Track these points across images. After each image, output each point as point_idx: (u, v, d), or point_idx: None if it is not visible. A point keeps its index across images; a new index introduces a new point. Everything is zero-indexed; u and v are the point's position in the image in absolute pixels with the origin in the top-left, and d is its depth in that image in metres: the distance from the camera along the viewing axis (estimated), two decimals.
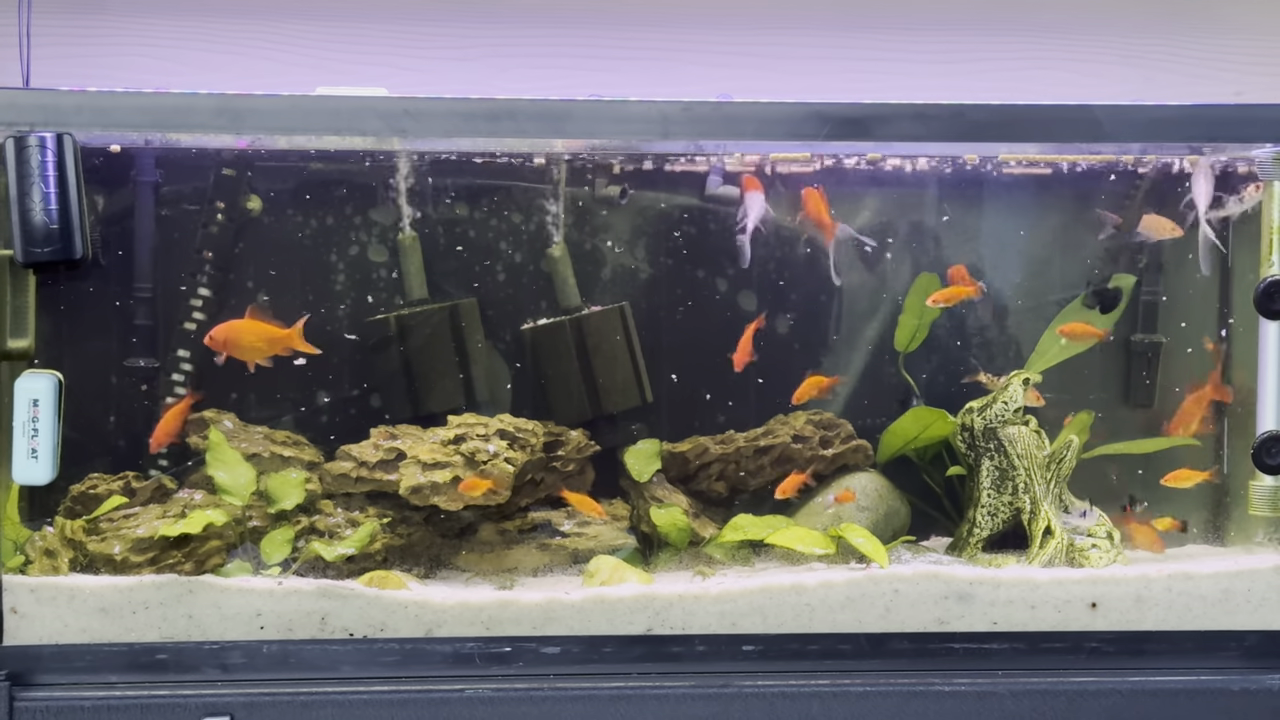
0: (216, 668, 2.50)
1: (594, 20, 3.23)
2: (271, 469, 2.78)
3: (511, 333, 2.94)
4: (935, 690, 2.52)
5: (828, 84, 3.23)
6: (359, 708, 2.47)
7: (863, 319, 2.98)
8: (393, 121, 2.49)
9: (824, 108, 2.51)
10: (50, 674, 2.47)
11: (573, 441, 2.86)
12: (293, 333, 2.72)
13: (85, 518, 2.69)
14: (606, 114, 2.52)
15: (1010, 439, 2.84)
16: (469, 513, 2.80)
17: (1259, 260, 2.66)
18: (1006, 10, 3.28)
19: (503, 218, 2.94)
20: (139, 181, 2.81)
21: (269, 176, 2.85)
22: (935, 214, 2.98)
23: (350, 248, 2.91)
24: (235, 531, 2.69)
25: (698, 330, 2.96)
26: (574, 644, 2.54)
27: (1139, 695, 2.54)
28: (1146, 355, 2.97)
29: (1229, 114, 2.62)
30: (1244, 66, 3.29)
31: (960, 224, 2.97)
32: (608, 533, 2.87)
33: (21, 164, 2.39)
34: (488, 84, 3.20)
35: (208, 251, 2.84)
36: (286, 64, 3.16)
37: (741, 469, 2.91)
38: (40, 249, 2.40)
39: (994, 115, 2.55)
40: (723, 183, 2.93)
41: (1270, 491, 2.65)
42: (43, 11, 3.05)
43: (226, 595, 2.53)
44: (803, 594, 2.58)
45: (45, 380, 2.49)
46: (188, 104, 2.47)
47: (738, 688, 2.51)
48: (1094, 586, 2.61)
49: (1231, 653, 2.59)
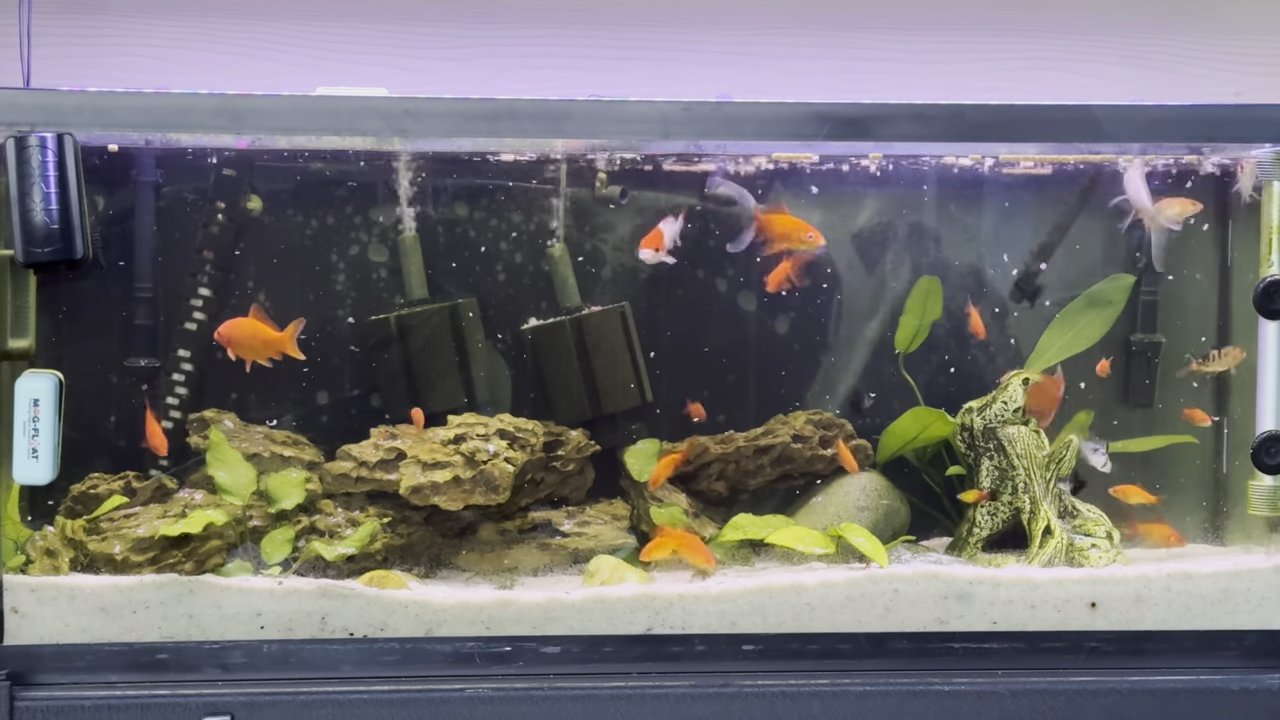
0: (217, 667, 2.50)
1: (592, 20, 3.24)
2: (272, 469, 2.79)
3: (512, 333, 2.95)
4: (935, 690, 2.53)
5: (827, 84, 3.24)
6: (359, 707, 2.47)
7: (862, 319, 2.99)
8: (393, 121, 2.49)
9: (824, 108, 2.51)
10: (51, 673, 2.47)
11: (573, 441, 2.87)
12: (284, 337, 2.73)
13: (86, 517, 2.69)
14: (606, 114, 2.52)
15: (1010, 439, 2.84)
16: (469, 512, 2.80)
17: (1258, 260, 2.67)
18: (1006, 11, 3.29)
19: (503, 217, 2.95)
20: (139, 181, 2.82)
21: (269, 176, 2.86)
22: (935, 214, 2.99)
23: (350, 248, 2.92)
24: (236, 531, 2.70)
25: (698, 330, 2.97)
26: (574, 643, 2.54)
27: (1138, 695, 2.54)
28: (1146, 355, 2.98)
29: (1229, 114, 2.62)
30: (1244, 67, 3.30)
31: (959, 225, 2.98)
32: (608, 532, 2.87)
33: (22, 164, 2.39)
34: (487, 84, 3.20)
35: (208, 251, 2.85)
36: (287, 64, 3.17)
37: (741, 469, 2.92)
38: (41, 249, 2.40)
39: (993, 115, 2.55)
40: (723, 182, 2.93)
41: (1270, 491, 2.67)
42: (43, 12, 3.05)
43: (227, 595, 2.53)
44: (802, 593, 2.59)
45: (46, 380, 2.49)
46: (188, 104, 2.48)
47: (738, 687, 2.51)
48: (1093, 586, 2.61)
49: (1231, 652, 2.60)
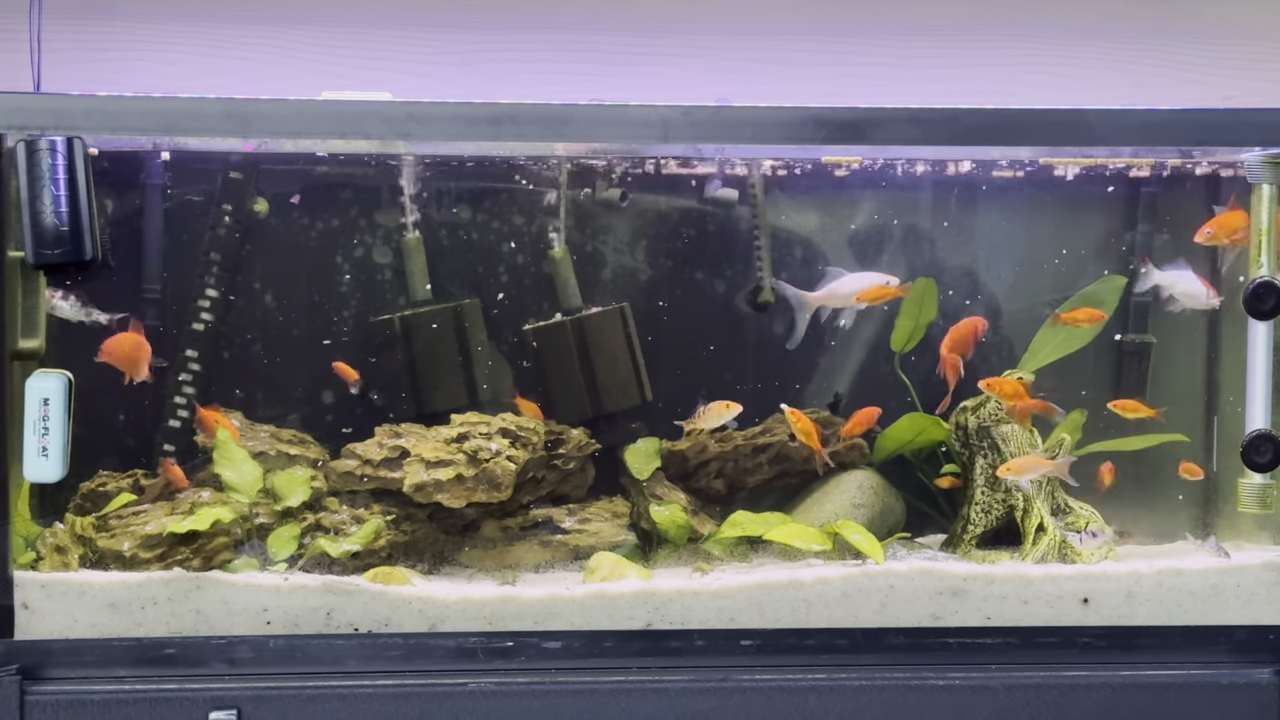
0: (224, 662, 2.51)
1: (594, 27, 3.25)
2: (278, 467, 2.80)
3: (514, 333, 2.98)
4: (930, 684, 2.54)
5: (825, 89, 3.25)
6: (364, 701, 2.48)
7: (861, 318, 3.00)
8: (397, 125, 2.49)
9: (821, 112, 2.51)
10: (60, 668, 2.48)
11: (574, 440, 2.89)
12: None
13: (95, 515, 2.71)
14: (607, 118, 2.52)
15: (1003, 437, 2.86)
16: (472, 510, 2.82)
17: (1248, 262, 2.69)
18: (1001, 17, 3.31)
19: (505, 219, 2.97)
20: (148, 184, 2.84)
21: (275, 179, 2.88)
22: (930, 217, 3.02)
23: (355, 249, 2.95)
24: (242, 528, 2.72)
25: (697, 330, 3.00)
26: (575, 639, 2.55)
27: (1130, 689, 2.55)
28: (1137, 355, 3.01)
29: (1218, 118, 2.62)
30: (1233, 71, 3.32)
31: (957, 224, 3.00)
32: (608, 530, 2.89)
33: (32, 167, 2.38)
34: (490, 88, 3.22)
35: (215, 253, 2.88)
36: (293, 69, 3.18)
37: (740, 467, 2.94)
38: (51, 251, 2.39)
39: (988, 119, 2.56)
40: (722, 185, 2.96)
41: (1259, 489, 2.65)
42: (53, 18, 3.06)
43: (234, 591, 2.54)
44: (800, 589, 2.60)
45: (56, 380, 2.49)
46: (196, 108, 2.47)
47: (736, 682, 2.52)
48: (1086, 582, 2.63)
49: (1221, 647, 2.61)
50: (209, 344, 2.88)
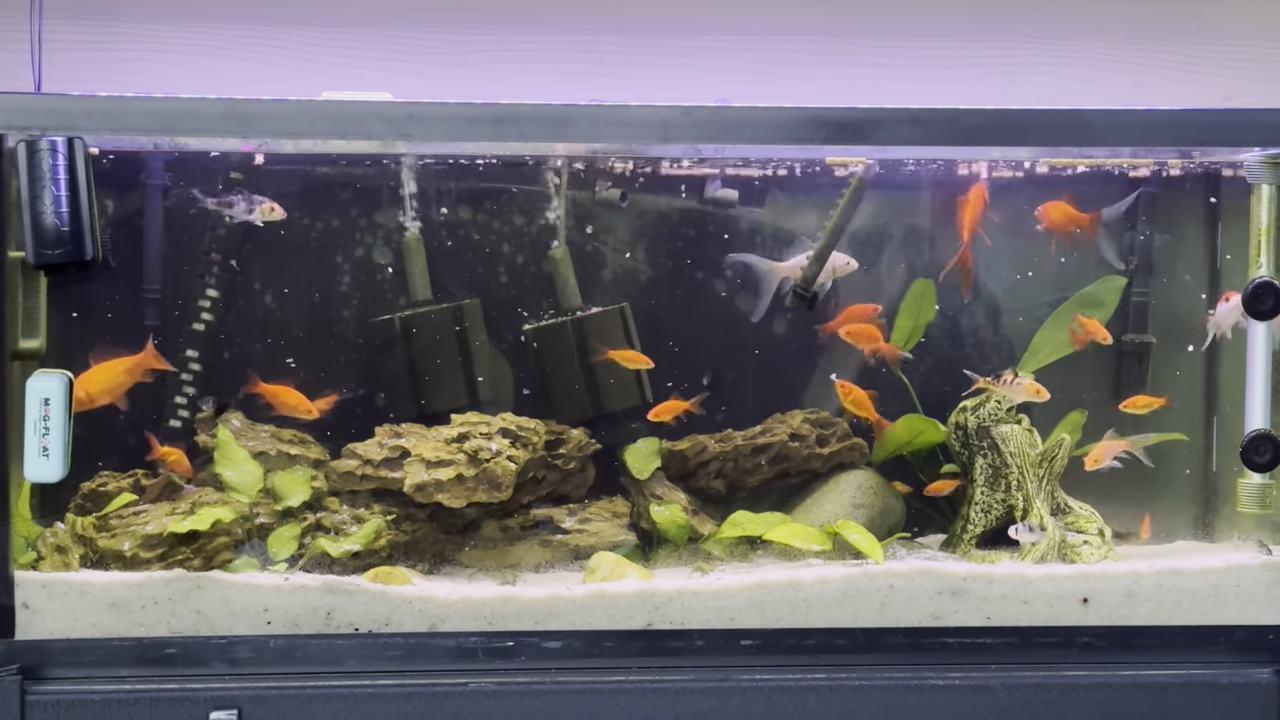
0: (224, 662, 2.51)
1: (594, 27, 3.25)
2: (278, 467, 2.81)
3: (514, 333, 2.98)
4: (930, 684, 2.54)
5: (824, 89, 3.26)
6: (364, 701, 2.48)
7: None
8: (397, 126, 2.49)
9: (820, 113, 2.51)
10: (61, 668, 2.48)
11: (574, 440, 2.89)
12: (146, 354, 2.73)
13: (95, 514, 2.72)
14: (607, 118, 2.52)
15: (1003, 437, 2.87)
16: (472, 510, 2.82)
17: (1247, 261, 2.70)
18: (1000, 17, 3.31)
19: (505, 220, 2.98)
20: (148, 185, 2.85)
21: (275, 179, 2.89)
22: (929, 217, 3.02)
23: (355, 250, 2.95)
24: (243, 528, 2.72)
25: (697, 330, 3.00)
26: (575, 638, 2.55)
27: (1129, 689, 2.55)
28: (1137, 355, 3.01)
29: (1218, 118, 2.62)
30: (1233, 71, 3.32)
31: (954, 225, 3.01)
32: (609, 529, 2.89)
33: (33, 167, 2.38)
34: (490, 89, 3.22)
35: (215, 254, 2.88)
36: (293, 69, 3.19)
37: (740, 467, 2.95)
38: (51, 251, 2.39)
39: (988, 120, 2.56)
40: (722, 186, 2.97)
41: (1258, 489, 2.65)
42: (54, 18, 3.07)
43: (234, 591, 2.54)
44: (800, 589, 2.61)
45: (56, 380, 2.48)
46: (196, 108, 2.47)
47: (736, 681, 2.53)
48: (1085, 582, 2.63)
49: (1220, 647, 2.61)
50: (209, 344, 2.88)
